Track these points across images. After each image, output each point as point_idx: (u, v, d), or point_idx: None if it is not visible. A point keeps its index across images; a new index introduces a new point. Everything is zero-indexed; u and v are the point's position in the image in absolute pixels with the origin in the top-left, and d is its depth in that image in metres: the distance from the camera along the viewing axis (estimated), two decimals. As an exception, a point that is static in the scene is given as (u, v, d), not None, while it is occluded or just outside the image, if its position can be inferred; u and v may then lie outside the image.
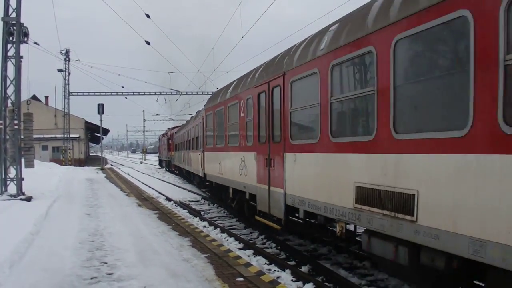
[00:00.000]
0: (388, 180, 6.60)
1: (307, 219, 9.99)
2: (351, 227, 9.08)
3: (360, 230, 8.76)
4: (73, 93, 57.43)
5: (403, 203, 6.26)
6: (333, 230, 9.30)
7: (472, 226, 5.12)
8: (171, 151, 46.88)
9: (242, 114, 13.86)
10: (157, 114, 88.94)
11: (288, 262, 10.26)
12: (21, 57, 18.49)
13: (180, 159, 36.40)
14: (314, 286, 8.37)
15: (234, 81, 16.05)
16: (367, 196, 7.10)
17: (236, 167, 14.45)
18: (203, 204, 21.88)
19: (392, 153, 6.50)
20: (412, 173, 6.10)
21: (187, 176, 34.01)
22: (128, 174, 44.81)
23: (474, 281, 6.74)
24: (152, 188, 27.89)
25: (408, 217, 6.12)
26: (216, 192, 19.47)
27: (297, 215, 10.27)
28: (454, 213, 5.36)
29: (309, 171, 9.20)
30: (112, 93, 58.62)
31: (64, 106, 56.61)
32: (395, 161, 6.44)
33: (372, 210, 6.95)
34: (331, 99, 8.19)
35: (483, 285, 5.90)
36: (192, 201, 22.69)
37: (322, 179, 8.65)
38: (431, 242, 5.71)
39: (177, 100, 63.27)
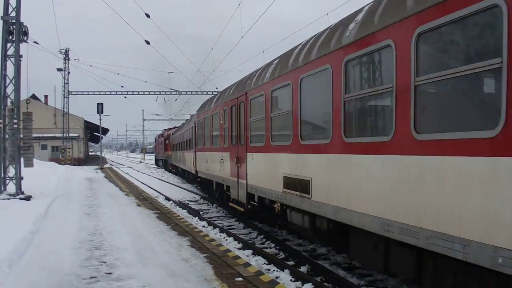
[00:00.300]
0: (298, 172, 9.73)
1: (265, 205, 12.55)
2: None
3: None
4: (73, 93, 57.43)
5: (304, 186, 9.32)
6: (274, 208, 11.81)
7: (334, 199, 8.09)
8: (168, 151, 48.79)
9: (221, 122, 17.10)
10: (156, 114, 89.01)
11: (287, 262, 10.26)
12: (21, 56, 18.52)
13: (177, 159, 39.11)
14: (313, 286, 8.37)
15: (218, 94, 20.69)
16: (289, 183, 10.21)
17: (217, 165, 17.78)
18: (202, 204, 21.88)
19: (299, 153, 9.70)
20: (308, 167, 9.24)
21: (183, 174, 36.07)
22: (127, 173, 44.81)
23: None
24: (151, 188, 27.89)
25: (307, 195, 9.19)
26: (204, 185, 23.55)
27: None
28: (326, 191, 8.41)
29: (260, 166, 12.47)
30: (112, 93, 58.62)
31: (64, 106, 56.63)
32: (301, 159, 9.59)
33: (292, 192, 10.05)
34: (271, 114, 11.40)
35: None
36: (191, 201, 22.69)
37: (266, 172, 11.88)
38: (318, 211, 8.82)
39: (176, 100, 63.28)
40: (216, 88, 54.41)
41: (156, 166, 63.02)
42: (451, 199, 5.25)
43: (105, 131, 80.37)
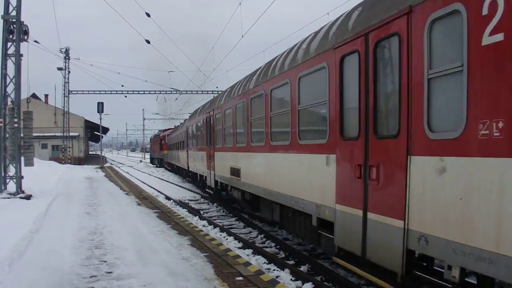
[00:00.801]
0: (235, 164, 15.10)
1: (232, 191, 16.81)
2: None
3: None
4: (73, 92, 57.44)
5: (238, 173, 14.63)
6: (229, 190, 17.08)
7: (250, 180, 13.34)
8: (164, 150, 52.95)
9: (202, 128, 22.86)
10: (156, 113, 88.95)
11: (288, 262, 10.26)
12: (21, 55, 18.51)
13: (172, 157, 44.54)
14: (313, 285, 8.38)
15: (200, 107, 26.99)
16: (232, 171, 15.56)
17: (200, 161, 23.82)
18: (202, 203, 21.88)
19: (236, 152, 15.07)
20: (239, 160, 14.57)
21: (178, 170, 40.93)
22: (127, 172, 44.84)
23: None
24: (151, 187, 27.90)
25: (239, 178, 14.59)
26: (193, 178, 29.61)
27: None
28: (247, 175, 13.73)
29: (220, 161, 17.96)
30: (112, 92, 58.62)
31: (64, 105, 56.65)
32: (236, 155, 15.01)
33: (233, 177, 15.46)
34: (224, 126, 16.86)
35: None
36: (191, 200, 22.69)
37: (223, 165, 17.26)
38: (244, 188, 14.16)
39: (176, 99, 63.28)
40: (217, 87, 54.46)
41: (153, 165, 63.48)
42: (306, 178, 9.26)
43: (105, 130, 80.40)
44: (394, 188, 6.18)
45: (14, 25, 18.12)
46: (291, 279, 8.86)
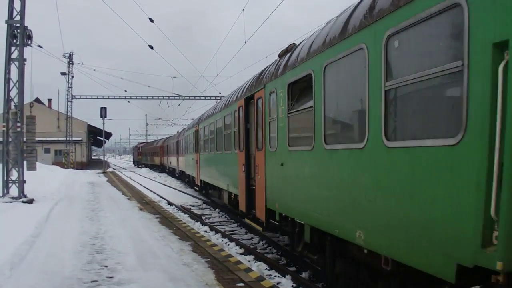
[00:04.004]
0: (211, 168, 20.19)
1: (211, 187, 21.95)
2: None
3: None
4: (76, 97, 57.57)
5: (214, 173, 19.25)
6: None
7: (210, 177, 20.45)
8: (163, 156, 58.29)
9: (188, 139, 29.48)
10: (159, 118, 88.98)
11: (289, 268, 10.23)
12: (25, 60, 18.58)
13: (169, 161, 49.86)
14: (314, 292, 8.33)
15: (185, 128, 36.96)
16: (209, 174, 20.82)
17: (189, 164, 29.81)
18: (204, 208, 21.85)
19: (214, 154, 19.07)
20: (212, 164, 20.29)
21: (172, 172, 47.11)
22: (130, 178, 44.85)
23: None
24: (153, 192, 27.89)
25: (211, 177, 20.32)
26: (184, 177, 35.44)
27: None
28: (210, 174, 20.53)
29: (204, 165, 22.25)
30: (115, 97, 58.73)
31: (67, 109, 56.76)
32: (214, 160, 19.25)
33: (210, 176, 20.69)
34: (203, 138, 22.21)
35: None
36: (193, 206, 22.66)
37: (205, 168, 21.88)
38: (211, 181, 20.23)
39: (179, 104, 63.36)
40: (220, 93, 54.50)
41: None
42: (216, 170, 18.51)
43: (108, 135, 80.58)
44: (261, 175, 11.13)
45: (18, 30, 18.19)
46: (292, 286, 8.83)
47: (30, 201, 17.87)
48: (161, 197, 24.94)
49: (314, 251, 8.62)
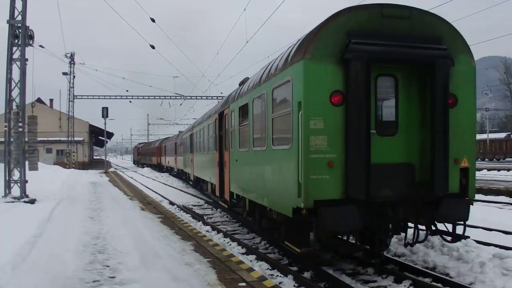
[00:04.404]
0: (202, 163, 23.46)
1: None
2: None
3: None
4: (78, 96, 57.63)
5: (205, 168, 22.06)
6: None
7: (195, 170, 27.35)
8: (159, 156, 62.37)
9: (185, 142, 32.50)
10: (161, 118, 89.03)
11: (291, 268, 10.21)
12: (26, 60, 18.59)
13: (166, 161, 53.51)
14: (316, 292, 8.32)
15: (182, 131, 43.00)
16: (200, 168, 24.64)
17: (185, 163, 33.09)
18: (206, 208, 21.84)
19: (204, 155, 22.60)
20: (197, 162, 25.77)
21: (170, 170, 50.56)
22: (131, 177, 44.88)
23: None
24: (155, 192, 27.91)
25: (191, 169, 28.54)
26: (182, 175, 38.31)
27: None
28: (199, 167, 24.86)
29: (195, 162, 25.93)
30: (117, 97, 58.79)
31: (69, 109, 56.82)
32: (203, 159, 22.70)
33: (200, 171, 24.50)
34: (195, 143, 26.69)
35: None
36: (195, 206, 22.65)
37: (197, 164, 25.38)
38: (199, 175, 25.34)
39: (181, 104, 63.42)
40: (221, 93, 54.53)
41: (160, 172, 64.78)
42: (203, 167, 23.04)
43: (109, 135, 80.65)
44: (227, 169, 15.45)
45: (20, 30, 18.20)
46: (294, 286, 8.81)
47: (32, 201, 17.88)
48: (162, 197, 24.95)
49: (251, 216, 13.27)
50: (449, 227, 9.09)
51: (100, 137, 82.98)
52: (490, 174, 36.97)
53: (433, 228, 9.18)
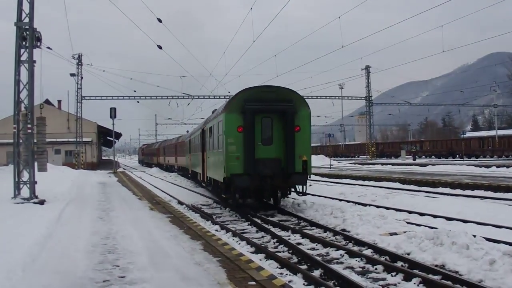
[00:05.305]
0: (196, 161, 30.13)
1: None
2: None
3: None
4: (86, 97, 57.92)
5: (198, 164, 28.85)
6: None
7: (191, 166, 35.18)
8: (159, 156, 69.58)
9: (185, 144, 39.12)
10: (169, 118, 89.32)
11: (300, 266, 10.19)
12: (34, 61, 18.67)
13: (166, 160, 59.92)
14: (326, 290, 8.30)
15: (181, 136, 52.36)
16: (194, 164, 32.82)
17: (187, 161, 37.82)
18: (215, 207, 21.84)
19: (195, 154, 30.81)
20: (193, 159, 33.72)
21: (190, 176, 55.31)
22: (140, 177, 45.03)
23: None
24: (164, 192, 27.95)
25: (194, 167, 33.23)
26: (184, 171, 42.61)
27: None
28: (194, 164, 32.55)
29: (192, 160, 33.12)
30: (124, 97, 58.98)
31: (77, 110, 57.13)
32: (196, 157, 29.72)
33: (194, 166, 32.21)
34: (192, 144, 33.83)
35: None
36: (204, 205, 22.65)
37: (193, 162, 32.21)
38: (194, 169, 33.35)
39: (189, 104, 63.59)
40: (229, 92, 54.57)
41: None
42: (198, 163, 29.05)
43: (118, 135, 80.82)
44: (205, 163, 24.41)
45: (27, 32, 18.30)
46: (303, 284, 8.80)
47: (42, 202, 17.98)
48: (171, 196, 24.97)
49: (212, 188, 23.88)
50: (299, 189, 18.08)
51: (108, 138, 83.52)
52: (499, 171, 36.75)
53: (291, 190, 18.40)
